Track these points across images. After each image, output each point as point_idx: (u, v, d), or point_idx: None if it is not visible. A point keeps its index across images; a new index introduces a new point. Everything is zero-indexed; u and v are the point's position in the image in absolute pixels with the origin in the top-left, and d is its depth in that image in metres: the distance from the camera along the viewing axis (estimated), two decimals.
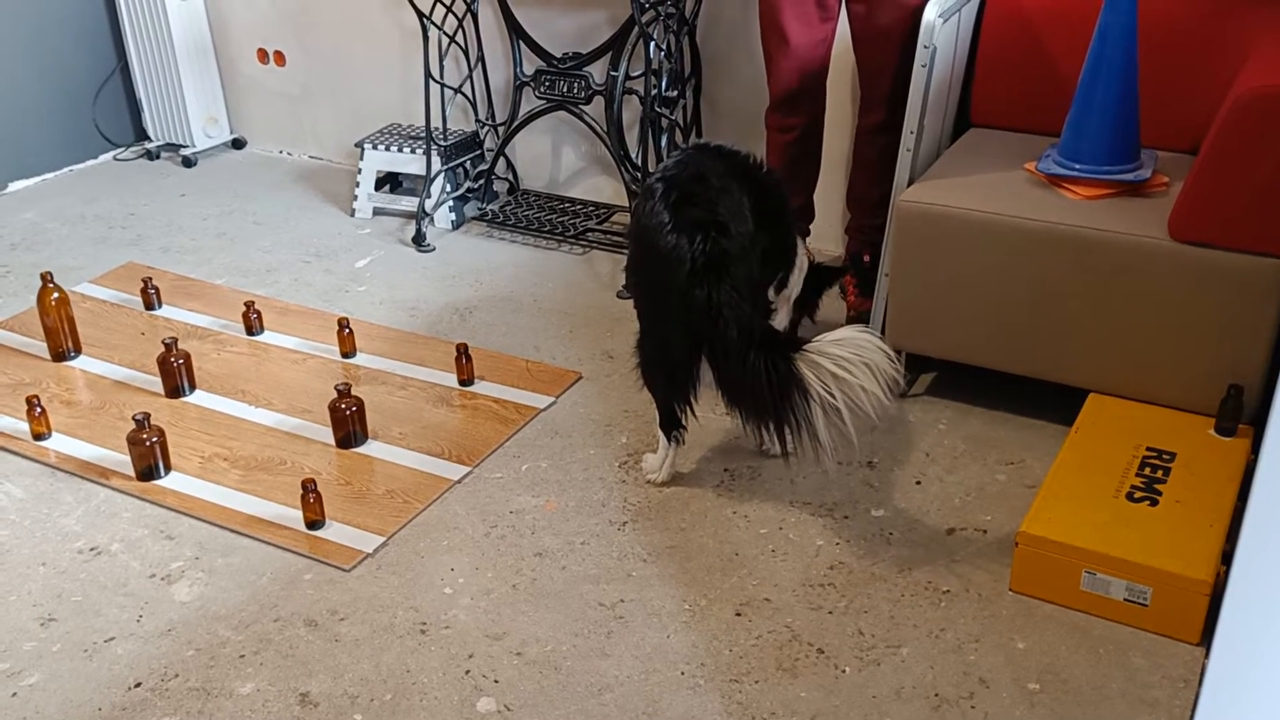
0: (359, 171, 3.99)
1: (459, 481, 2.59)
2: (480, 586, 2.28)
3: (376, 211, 4.00)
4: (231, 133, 4.68)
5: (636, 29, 3.31)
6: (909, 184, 2.71)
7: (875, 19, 2.90)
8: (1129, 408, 2.51)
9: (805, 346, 2.21)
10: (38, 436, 2.76)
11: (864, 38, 2.96)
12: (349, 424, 2.69)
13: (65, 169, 4.48)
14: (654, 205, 2.34)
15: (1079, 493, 2.26)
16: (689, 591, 2.25)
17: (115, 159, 4.59)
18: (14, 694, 2.06)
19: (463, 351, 2.93)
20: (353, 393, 2.70)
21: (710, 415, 2.79)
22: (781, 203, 2.57)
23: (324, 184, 4.29)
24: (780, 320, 2.68)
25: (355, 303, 3.41)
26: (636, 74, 3.44)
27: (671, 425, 2.50)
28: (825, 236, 3.48)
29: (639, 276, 2.51)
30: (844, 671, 2.05)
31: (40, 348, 3.14)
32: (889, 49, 2.90)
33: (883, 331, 2.83)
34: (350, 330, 3.09)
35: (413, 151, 3.89)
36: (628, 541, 2.39)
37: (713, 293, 2.24)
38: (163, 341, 2.90)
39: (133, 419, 2.59)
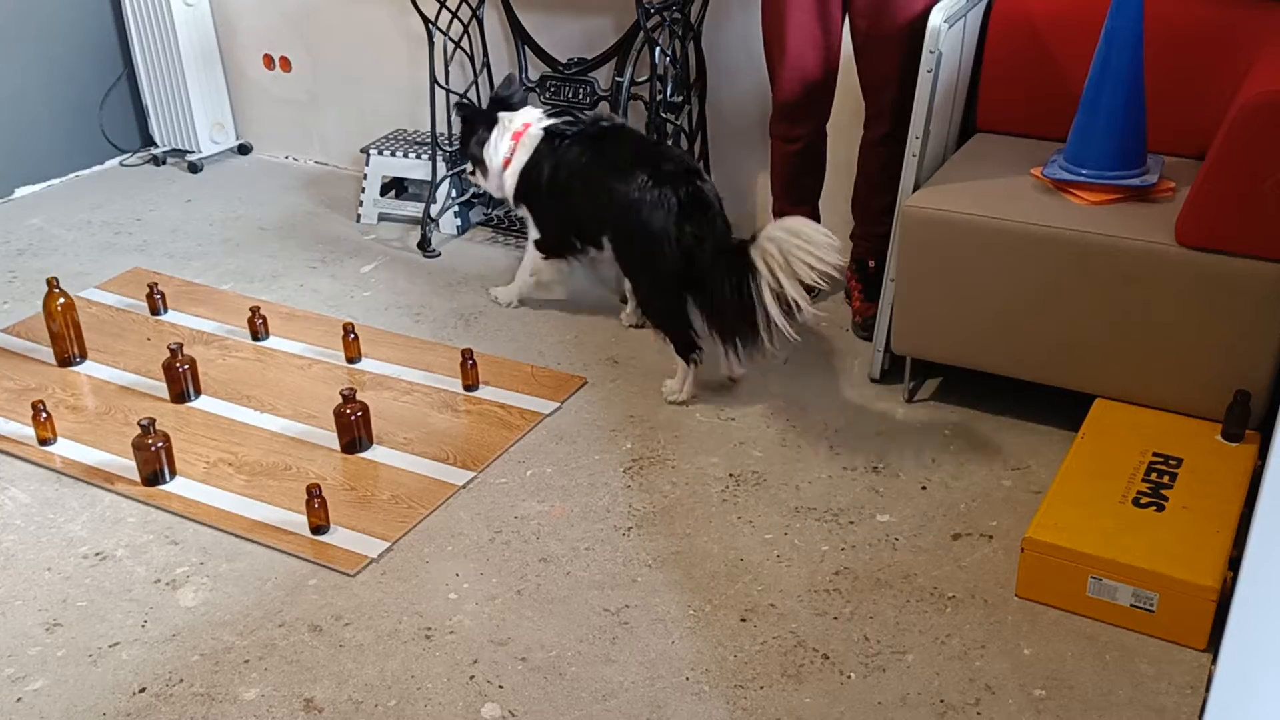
0: (364, 177, 4.00)
1: (464, 487, 2.59)
2: (485, 592, 2.28)
3: (382, 217, 4.01)
4: (237, 138, 4.69)
5: (642, 34, 3.31)
6: (915, 189, 2.71)
7: (877, 32, 2.90)
8: (1135, 413, 2.51)
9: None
10: (43, 442, 2.76)
11: (866, 51, 2.96)
12: (354, 429, 2.69)
13: (71, 175, 4.49)
14: (642, 180, 2.80)
15: (1085, 498, 2.25)
16: (694, 597, 2.25)
17: (121, 165, 4.60)
18: (19, 699, 2.07)
19: (468, 357, 2.93)
20: (358, 398, 2.70)
21: (715, 420, 2.79)
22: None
23: (329, 189, 4.30)
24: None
25: (360, 308, 3.41)
26: (642, 79, 3.44)
27: (689, 349, 2.84)
28: None
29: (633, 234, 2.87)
30: (849, 678, 2.05)
31: (46, 353, 3.14)
32: (891, 62, 2.90)
33: (888, 336, 2.83)
34: (355, 335, 3.09)
35: (418, 157, 3.90)
36: (632, 547, 2.39)
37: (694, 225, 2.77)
38: (168, 347, 2.90)
39: (138, 424, 2.60)
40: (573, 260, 3.25)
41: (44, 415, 2.75)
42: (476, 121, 3.24)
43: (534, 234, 3.25)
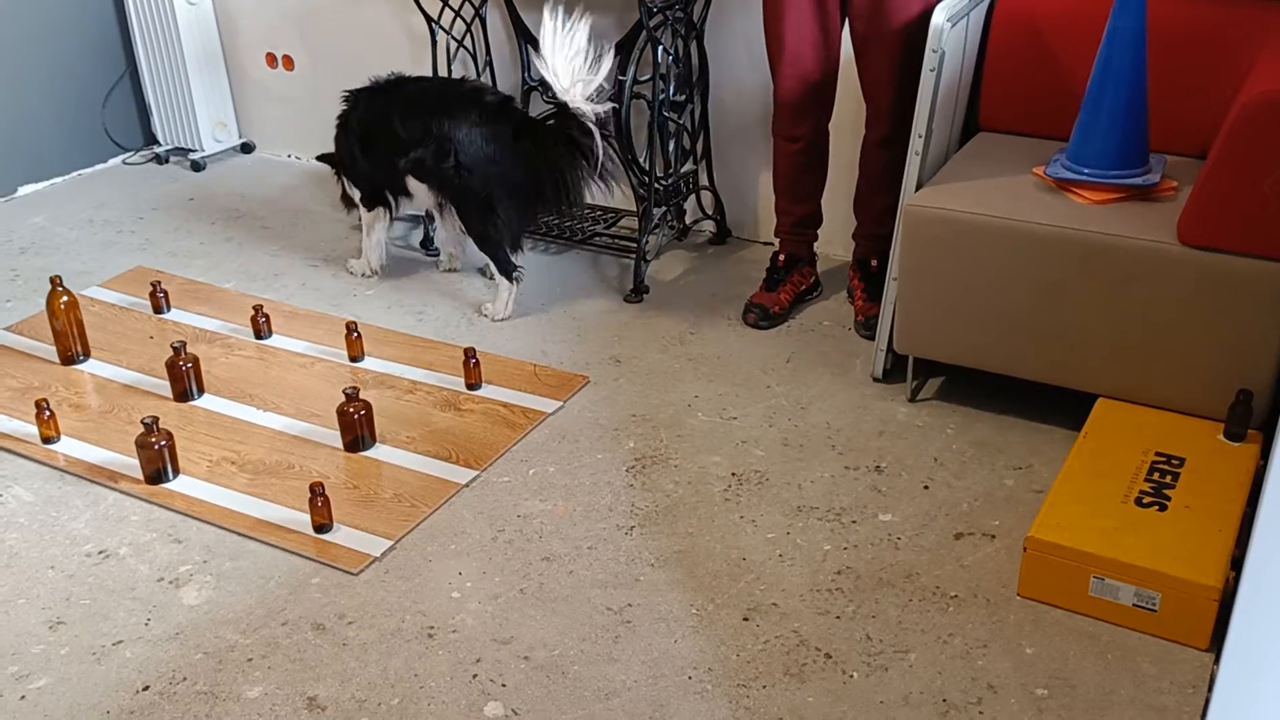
0: None
1: (466, 486, 2.59)
2: (487, 591, 2.28)
3: None
4: (240, 137, 4.69)
5: (644, 33, 3.31)
6: (917, 188, 2.71)
7: (874, 35, 2.90)
8: (1138, 413, 2.51)
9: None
10: (47, 440, 2.77)
11: (865, 53, 2.96)
12: (357, 428, 2.70)
13: (74, 173, 4.49)
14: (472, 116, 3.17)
15: (1087, 498, 2.26)
16: (696, 596, 2.25)
17: (124, 163, 4.60)
18: (22, 697, 2.07)
19: (470, 355, 2.93)
20: (360, 396, 2.71)
21: (717, 419, 2.80)
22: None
23: (332, 188, 4.29)
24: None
25: (363, 307, 3.41)
26: (644, 78, 3.45)
27: (512, 269, 3.28)
28: (833, 242, 3.48)
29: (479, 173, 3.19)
30: (852, 677, 2.05)
31: (49, 351, 3.15)
32: (888, 65, 2.90)
33: (890, 335, 2.83)
34: (358, 334, 3.10)
35: None
36: (635, 546, 2.39)
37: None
38: (171, 345, 2.91)
39: (141, 423, 2.60)
40: (390, 212, 3.53)
41: (47, 413, 2.76)
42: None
43: (355, 194, 3.54)
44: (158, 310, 3.38)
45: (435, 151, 3.18)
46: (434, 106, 3.21)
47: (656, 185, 3.46)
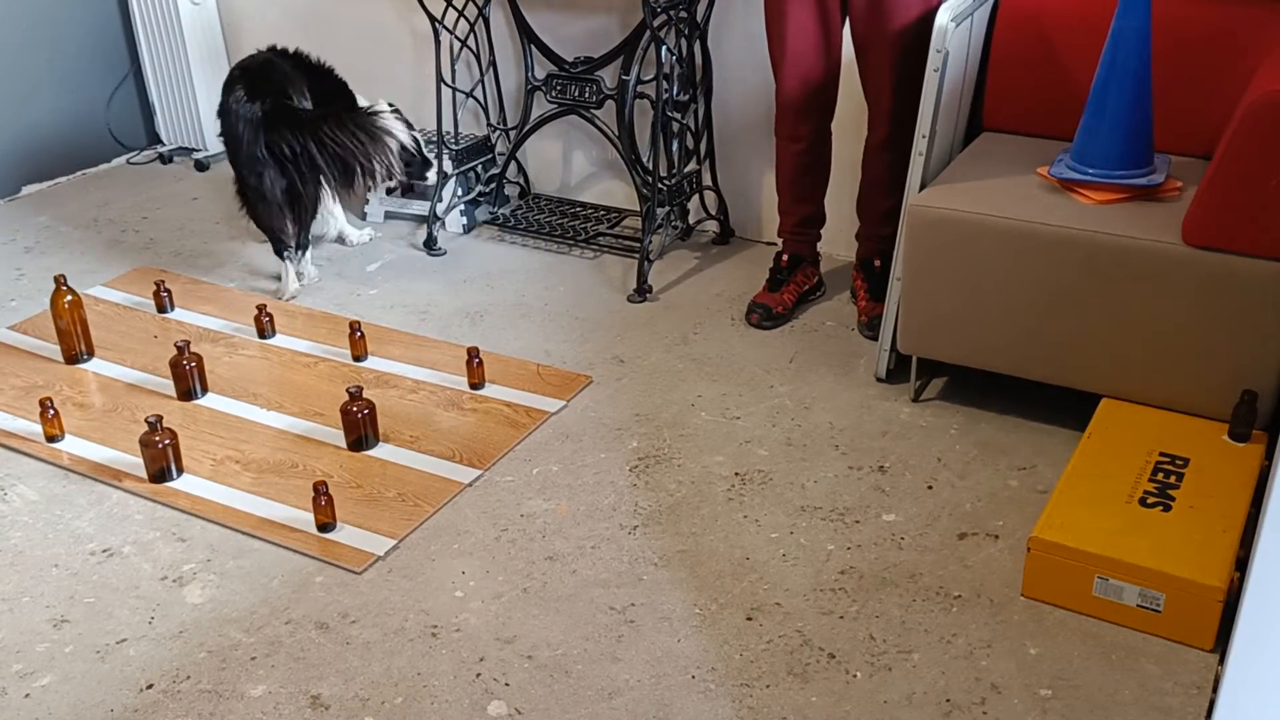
0: None
1: (470, 485, 2.59)
2: (491, 590, 2.28)
3: (388, 215, 4.01)
4: None
5: (648, 33, 3.32)
6: (921, 188, 2.71)
7: (874, 37, 2.90)
8: (1142, 413, 2.50)
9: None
10: (51, 439, 2.77)
11: (864, 55, 2.96)
12: (360, 427, 2.70)
13: (78, 173, 4.50)
14: (237, 91, 3.33)
15: (1091, 498, 2.25)
16: (700, 596, 2.25)
17: (128, 163, 4.61)
18: (27, 695, 2.07)
19: (474, 355, 2.94)
20: (364, 396, 2.71)
21: (721, 419, 2.80)
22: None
23: None
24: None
25: (366, 306, 3.42)
26: (648, 78, 3.45)
27: (283, 248, 3.44)
28: (836, 242, 3.48)
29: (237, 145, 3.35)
30: (855, 677, 2.05)
31: (53, 350, 3.15)
32: (888, 66, 2.90)
33: (894, 335, 2.83)
34: (361, 334, 3.10)
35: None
36: (638, 546, 2.39)
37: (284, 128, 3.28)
38: (175, 344, 2.91)
39: (145, 421, 2.60)
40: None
41: (51, 412, 2.76)
42: None
43: None
44: (161, 309, 3.39)
45: (222, 116, 3.39)
46: (236, 78, 3.39)
47: (660, 185, 3.46)
